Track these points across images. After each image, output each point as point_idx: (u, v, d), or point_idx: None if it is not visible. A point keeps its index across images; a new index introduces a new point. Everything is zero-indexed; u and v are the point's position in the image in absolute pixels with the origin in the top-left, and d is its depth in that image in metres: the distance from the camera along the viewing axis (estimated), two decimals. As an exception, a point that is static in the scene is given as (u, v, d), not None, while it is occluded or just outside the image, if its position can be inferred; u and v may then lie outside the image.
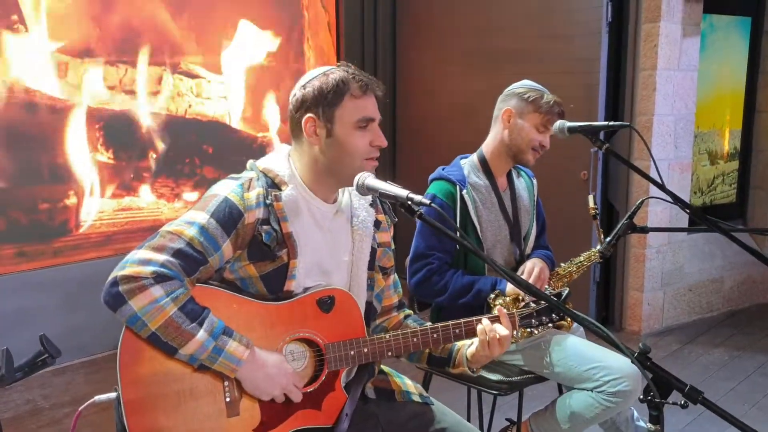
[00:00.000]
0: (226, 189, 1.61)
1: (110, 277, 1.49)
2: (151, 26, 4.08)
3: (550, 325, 1.79)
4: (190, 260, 1.53)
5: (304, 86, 1.66)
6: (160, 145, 4.19)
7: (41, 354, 1.54)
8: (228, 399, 1.56)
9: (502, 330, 1.67)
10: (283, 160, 1.70)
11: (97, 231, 4.00)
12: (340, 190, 1.76)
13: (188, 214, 1.59)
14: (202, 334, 1.49)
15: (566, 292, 1.76)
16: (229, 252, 1.58)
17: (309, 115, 1.64)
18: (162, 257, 1.50)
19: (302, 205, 1.66)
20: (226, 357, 1.51)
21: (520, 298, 2.27)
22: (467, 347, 1.77)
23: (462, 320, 1.72)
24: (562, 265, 2.41)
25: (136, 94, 4.06)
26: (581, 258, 2.34)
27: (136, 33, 4.03)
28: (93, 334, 3.79)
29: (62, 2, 3.73)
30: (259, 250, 1.61)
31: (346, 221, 1.76)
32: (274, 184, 1.65)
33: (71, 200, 3.89)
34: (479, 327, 1.68)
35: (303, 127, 1.65)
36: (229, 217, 1.57)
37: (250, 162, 1.71)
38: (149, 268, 1.48)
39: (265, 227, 1.59)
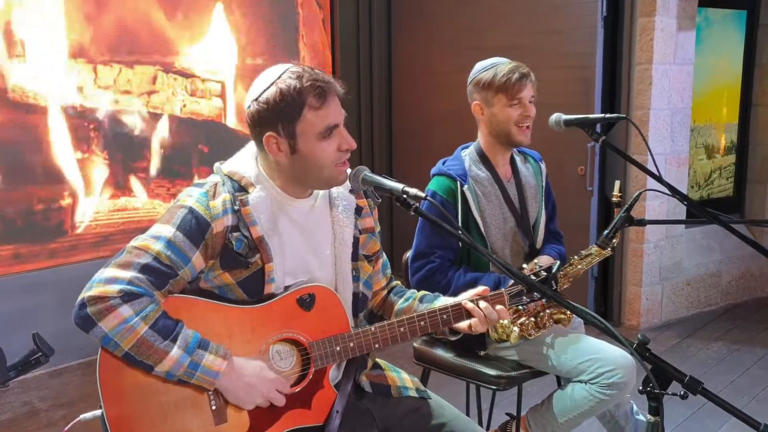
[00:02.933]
0: (191, 199, 1.56)
1: (78, 299, 1.46)
2: (144, 25, 4.06)
3: (542, 300, 1.77)
4: (158, 274, 1.49)
5: (257, 99, 1.58)
6: (155, 145, 4.18)
7: (34, 353, 1.52)
8: (214, 407, 1.53)
9: (491, 313, 1.69)
10: (249, 159, 1.65)
11: (93, 232, 3.98)
12: None
13: (154, 228, 1.55)
14: (176, 351, 1.46)
15: (557, 265, 1.75)
16: (200, 263, 1.55)
17: (269, 133, 1.57)
18: (129, 274, 1.46)
19: (274, 205, 1.62)
20: (202, 371, 1.48)
21: None
22: None
23: (449, 305, 1.70)
24: (574, 258, 2.32)
25: (130, 93, 4.05)
26: (592, 251, 2.25)
27: (130, 32, 4.01)
28: (92, 340, 3.77)
29: (57, 2, 3.71)
30: (232, 259, 1.57)
31: (325, 213, 1.72)
32: (240, 188, 1.60)
33: (66, 201, 3.87)
34: (471, 306, 1.69)
35: (265, 145, 1.59)
36: (196, 228, 1.53)
37: (216, 165, 1.67)
38: (116, 287, 1.44)
39: (235, 234, 1.56)
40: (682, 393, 1.36)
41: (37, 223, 3.77)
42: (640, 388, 1.39)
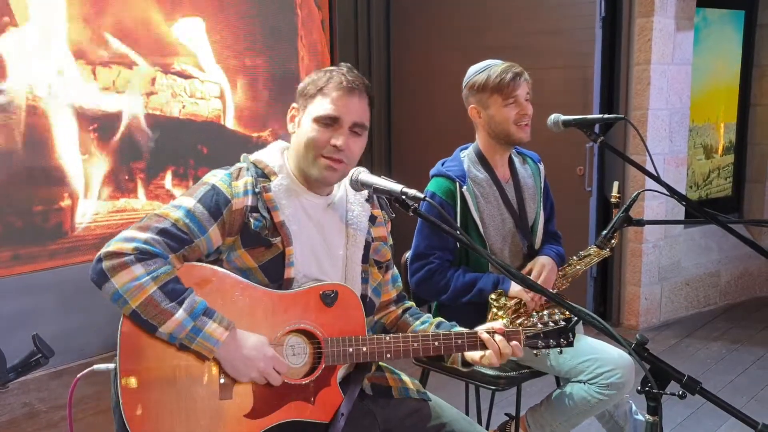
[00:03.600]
0: (214, 177, 1.66)
1: (96, 255, 1.53)
2: (143, 27, 4.06)
3: (558, 350, 1.77)
4: (174, 238, 1.56)
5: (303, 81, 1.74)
6: (155, 146, 4.18)
7: (34, 354, 1.53)
8: (223, 381, 1.57)
9: (505, 348, 1.71)
10: (275, 152, 1.74)
11: (92, 233, 3.98)
12: (335, 184, 1.77)
13: (176, 200, 1.63)
14: (180, 314, 1.50)
15: (574, 320, 1.73)
16: (217, 238, 1.61)
17: (293, 105, 1.75)
18: (145, 235, 1.53)
19: (292, 194, 1.69)
20: (204, 337, 1.51)
21: (523, 302, 2.25)
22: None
23: (465, 332, 1.73)
24: (573, 259, 2.35)
25: (130, 95, 4.05)
26: (590, 251, 2.28)
27: (129, 34, 4.01)
28: (89, 337, 3.78)
29: (54, 4, 3.72)
30: (252, 237, 1.63)
31: (339, 217, 1.76)
32: (263, 175, 1.68)
33: (66, 202, 3.87)
34: (488, 339, 1.71)
35: (288, 116, 1.76)
36: (215, 203, 1.60)
37: (243, 155, 1.74)
38: (131, 245, 1.51)
39: (254, 215, 1.62)
40: (680, 393, 1.36)
41: (36, 225, 3.78)
42: (639, 388, 1.40)
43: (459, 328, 1.80)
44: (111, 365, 1.57)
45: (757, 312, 4.74)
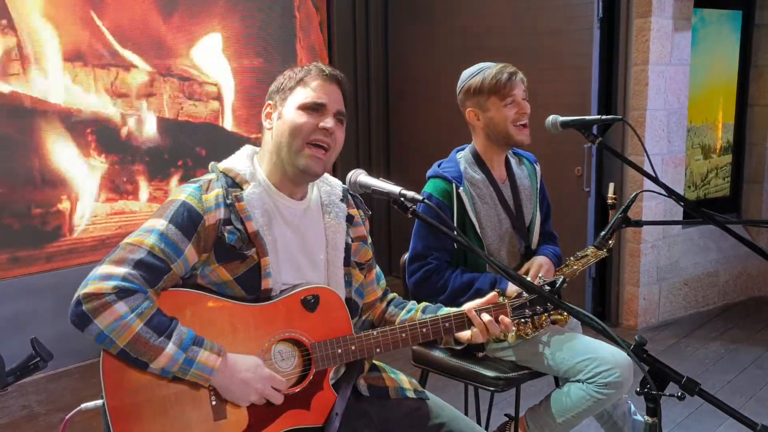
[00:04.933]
0: (183, 193, 1.60)
1: (74, 297, 1.47)
2: (141, 29, 4.06)
3: (544, 315, 1.79)
4: (152, 270, 1.50)
5: (277, 77, 1.76)
6: (153, 148, 4.18)
7: (33, 357, 1.53)
8: (214, 402, 1.54)
9: (493, 327, 1.72)
10: (244, 159, 1.70)
11: (91, 235, 3.98)
12: (309, 186, 1.76)
13: (147, 223, 1.57)
14: (171, 348, 1.46)
15: (560, 279, 1.75)
16: (193, 256, 1.56)
17: (268, 102, 1.74)
18: (123, 270, 1.47)
19: (268, 203, 1.66)
20: (197, 367, 1.49)
21: None
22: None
23: (452, 313, 1.73)
24: (570, 259, 2.37)
25: (128, 97, 4.05)
26: (587, 252, 2.29)
27: (127, 36, 4.01)
28: (87, 339, 3.77)
29: (52, 6, 3.72)
30: (226, 251, 1.59)
31: (318, 218, 1.75)
32: (235, 184, 1.64)
33: (64, 205, 3.87)
34: (477, 319, 1.71)
35: (263, 116, 1.73)
36: (188, 220, 1.55)
37: (211, 164, 1.70)
38: (110, 283, 1.45)
39: (228, 227, 1.58)
40: (679, 394, 1.36)
41: (34, 227, 3.77)
42: (638, 389, 1.39)
43: (446, 309, 1.80)
44: (99, 402, 1.54)
45: (755, 312, 4.74)
